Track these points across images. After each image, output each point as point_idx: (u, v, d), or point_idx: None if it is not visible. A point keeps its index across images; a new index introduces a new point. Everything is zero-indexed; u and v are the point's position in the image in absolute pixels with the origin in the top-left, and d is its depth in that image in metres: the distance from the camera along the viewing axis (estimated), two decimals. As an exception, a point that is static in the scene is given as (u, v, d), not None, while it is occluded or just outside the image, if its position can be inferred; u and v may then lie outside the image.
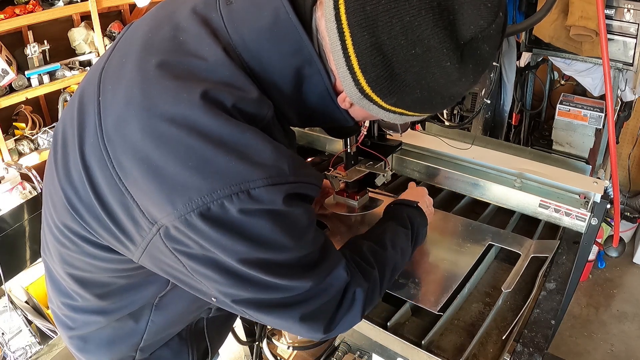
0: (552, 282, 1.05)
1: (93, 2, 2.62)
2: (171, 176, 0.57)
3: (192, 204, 0.57)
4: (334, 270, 0.72)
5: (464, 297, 1.05)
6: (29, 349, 2.13)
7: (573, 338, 2.33)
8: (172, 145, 0.57)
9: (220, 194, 0.56)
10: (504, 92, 2.37)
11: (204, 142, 0.57)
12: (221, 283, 0.65)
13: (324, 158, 1.63)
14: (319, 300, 0.71)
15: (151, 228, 0.61)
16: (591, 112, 2.19)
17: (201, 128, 0.57)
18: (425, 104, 0.66)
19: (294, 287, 0.67)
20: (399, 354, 0.97)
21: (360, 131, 0.83)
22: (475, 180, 1.24)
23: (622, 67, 1.78)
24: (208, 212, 0.57)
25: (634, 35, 1.68)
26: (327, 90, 0.68)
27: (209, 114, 0.58)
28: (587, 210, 1.09)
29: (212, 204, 0.57)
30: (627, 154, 2.65)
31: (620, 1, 1.65)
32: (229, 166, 0.57)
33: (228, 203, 0.57)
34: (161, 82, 0.60)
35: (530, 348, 0.87)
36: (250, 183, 0.57)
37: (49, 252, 0.81)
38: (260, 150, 0.60)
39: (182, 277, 0.68)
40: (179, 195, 0.57)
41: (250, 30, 0.64)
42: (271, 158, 0.60)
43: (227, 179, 0.57)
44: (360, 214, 1.26)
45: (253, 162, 0.58)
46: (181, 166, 0.57)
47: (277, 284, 0.65)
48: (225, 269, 0.63)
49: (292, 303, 0.68)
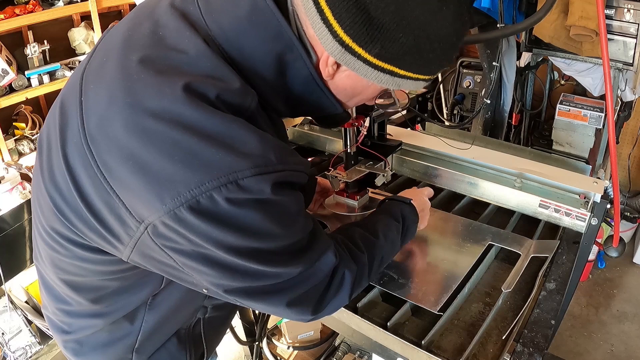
0: (552, 282, 1.05)
1: (93, 2, 2.63)
2: (158, 172, 0.57)
3: (180, 198, 0.56)
4: (323, 254, 0.73)
5: (464, 297, 1.05)
6: (29, 349, 2.13)
7: (573, 338, 2.32)
8: (157, 141, 0.57)
9: (209, 186, 0.56)
10: (504, 92, 2.37)
11: (190, 136, 0.57)
12: (212, 275, 0.65)
13: (324, 158, 1.63)
14: (308, 284, 0.71)
15: (139, 226, 0.61)
16: (591, 112, 2.19)
17: (186, 121, 0.57)
18: (413, 53, 0.63)
19: (284, 273, 0.67)
20: (399, 354, 0.97)
21: (350, 118, 0.82)
22: (475, 180, 1.24)
23: (622, 67, 1.78)
24: (197, 205, 0.57)
25: (634, 35, 1.68)
26: (312, 76, 0.68)
27: (192, 107, 0.57)
28: (587, 210, 1.09)
29: (201, 197, 0.56)
30: (627, 154, 2.64)
31: (620, 1, 1.65)
32: (216, 158, 0.57)
33: (217, 195, 0.57)
34: (143, 78, 0.60)
35: (530, 348, 0.87)
36: (238, 173, 0.57)
37: (41, 258, 0.81)
38: (247, 140, 0.59)
39: (173, 272, 0.69)
40: (167, 191, 0.57)
41: (229, 20, 0.64)
42: (258, 148, 0.60)
43: (215, 170, 0.57)
44: (360, 214, 1.26)
45: (240, 153, 0.58)
46: (167, 161, 0.57)
47: (268, 271, 0.65)
48: (216, 261, 0.63)
49: (281, 289, 0.69)
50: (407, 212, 1.00)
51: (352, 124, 1.16)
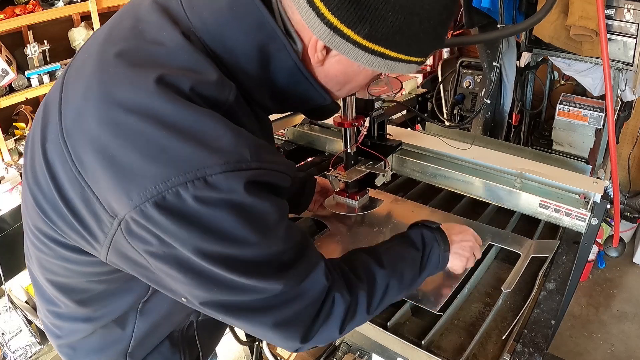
0: (552, 282, 1.05)
1: (93, 2, 2.63)
2: (127, 165, 0.55)
3: (146, 194, 0.54)
4: (311, 273, 0.67)
5: (464, 297, 1.05)
6: (29, 349, 2.13)
7: (573, 338, 2.32)
8: (128, 134, 0.55)
9: (175, 182, 0.54)
10: (504, 92, 2.37)
11: (159, 129, 0.55)
12: (186, 283, 0.62)
13: (324, 158, 1.63)
14: (294, 307, 0.66)
15: (112, 222, 0.59)
16: (591, 112, 2.19)
17: (156, 114, 0.55)
18: (403, 33, 0.61)
19: (263, 288, 0.63)
20: (399, 354, 0.97)
21: (339, 109, 0.79)
22: (475, 180, 1.24)
23: (622, 67, 1.78)
24: (163, 202, 0.54)
25: (634, 35, 1.68)
26: (297, 66, 0.65)
27: (163, 99, 0.56)
28: (587, 210, 1.09)
29: (167, 193, 0.54)
30: (627, 154, 2.65)
31: (620, 1, 1.65)
32: (185, 153, 0.55)
33: (183, 191, 0.54)
34: (118, 71, 0.59)
35: (530, 348, 0.87)
36: (206, 169, 0.54)
37: (30, 258, 0.80)
38: (219, 135, 0.57)
39: (150, 275, 0.66)
40: (135, 185, 0.55)
41: (210, 12, 0.62)
42: (230, 143, 0.57)
43: (183, 166, 0.54)
44: (360, 214, 1.26)
45: (210, 148, 0.55)
46: (137, 155, 0.55)
47: (244, 284, 0.61)
48: (187, 266, 0.60)
49: (263, 307, 0.64)
50: (429, 237, 0.89)
51: (352, 124, 1.16)
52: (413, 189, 1.50)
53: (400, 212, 1.31)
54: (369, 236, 1.19)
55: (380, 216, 1.28)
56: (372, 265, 0.79)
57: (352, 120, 1.15)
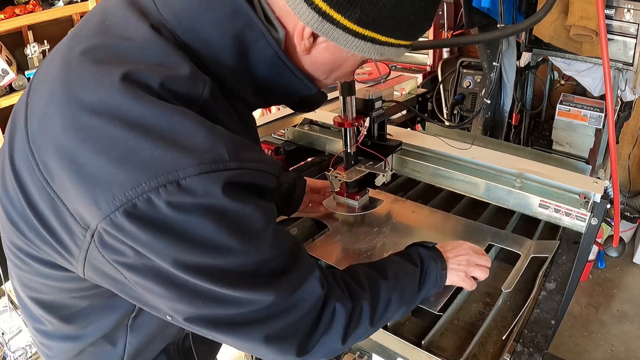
0: (552, 282, 1.05)
1: (93, 2, 2.63)
2: (94, 172, 0.51)
3: (115, 202, 0.50)
4: (305, 281, 0.63)
5: (464, 297, 1.05)
6: (29, 349, 2.13)
7: (573, 338, 2.32)
8: (93, 137, 0.51)
9: (146, 188, 0.49)
10: (504, 92, 2.37)
11: (126, 130, 0.50)
12: (167, 297, 0.57)
13: (324, 158, 1.63)
14: (288, 318, 0.62)
15: (85, 235, 0.54)
16: (591, 112, 2.19)
17: (123, 114, 0.51)
18: (394, 16, 0.58)
19: (252, 300, 0.58)
20: (399, 354, 0.97)
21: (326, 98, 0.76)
22: (475, 180, 1.24)
23: (622, 67, 1.78)
24: (134, 210, 0.50)
25: (634, 35, 1.68)
26: (277, 55, 0.61)
27: (130, 98, 0.51)
28: (587, 210, 1.09)
29: (138, 200, 0.50)
30: (627, 154, 2.65)
31: (620, 1, 1.65)
32: (155, 155, 0.50)
33: (155, 197, 0.50)
34: (82, 70, 0.55)
35: (530, 348, 0.87)
36: (179, 172, 0.50)
37: (12, 276, 0.76)
38: (192, 133, 0.52)
39: (131, 292, 0.61)
40: (103, 193, 0.50)
41: (182, 3, 0.58)
42: (205, 142, 0.52)
43: (153, 169, 0.50)
44: (360, 214, 1.26)
45: (182, 148, 0.51)
46: (104, 159, 0.50)
47: (230, 296, 0.56)
48: (166, 278, 0.55)
49: (253, 320, 0.59)
50: (426, 255, 0.89)
51: (352, 124, 1.16)
52: (413, 189, 1.50)
53: (400, 212, 1.31)
54: (369, 236, 1.19)
55: (380, 216, 1.28)
56: (375, 276, 0.77)
57: (352, 120, 1.15)
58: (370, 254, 1.12)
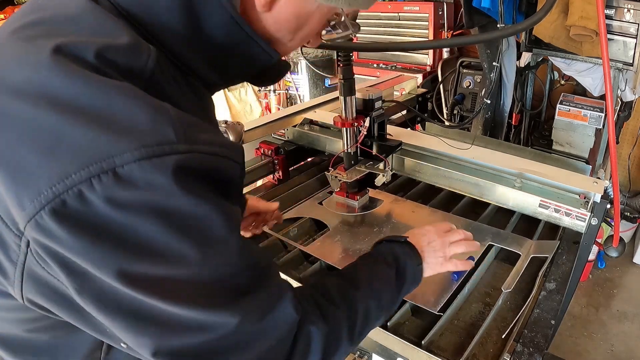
0: (552, 282, 1.05)
1: (93, 2, 2.62)
2: (18, 165, 0.41)
3: (41, 199, 0.40)
4: (277, 304, 0.54)
5: (464, 297, 1.05)
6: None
7: (573, 338, 2.32)
8: (17, 124, 0.42)
9: (75, 179, 0.40)
10: (504, 92, 2.37)
11: (55, 113, 0.42)
12: (115, 323, 0.46)
13: (324, 158, 1.63)
14: (259, 347, 0.52)
15: (19, 244, 0.44)
16: (591, 112, 2.19)
17: (52, 94, 0.42)
18: None
19: (213, 323, 0.48)
20: (399, 354, 0.97)
21: (289, 68, 0.69)
22: (475, 180, 1.24)
23: (622, 67, 1.78)
24: (63, 208, 0.40)
25: (634, 35, 1.68)
26: (233, 18, 0.54)
27: (61, 73, 0.43)
28: (587, 210, 1.09)
29: (67, 195, 0.40)
30: (627, 154, 2.65)
31: (620, 1, 1.65)
32: (87, 140, 0.41)
33: (88, 191, 0.40)
34: (9, 50, 0.48)
35: (530, 348, 0.87)
36: (115, 159, 0.41)
37: None
38: (132, 112, 0.43)
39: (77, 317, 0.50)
40: (27, 189, 0.41)
41: None
42: (147, 121, 0.43)
43: (84, 157, 0.41)
44: (360, 214, 1.26)
45: (120, 130, 0.42)
46: (28, 149, 0.41)
47: (190, 318, 0.46)
48: (113, 299, 0.45)
49: (220, 349, 0.50)
50: (399, 251, 0.82)
51: (352, 124, 1.16)
52: (413, 189, 1.50)
53: (400, 212, 1.31)
54: (369, 236, 1.19)
55: (380, 216, 1.28)
56: (346, 288, 0.69)
57: (352, 120, 1.15)
58: (370, 254, 1.12)
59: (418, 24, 2.85)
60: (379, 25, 3.03)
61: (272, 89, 3.67)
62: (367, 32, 3.10)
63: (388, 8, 2.94)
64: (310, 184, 1.52)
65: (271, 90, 3.68)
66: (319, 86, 3.46)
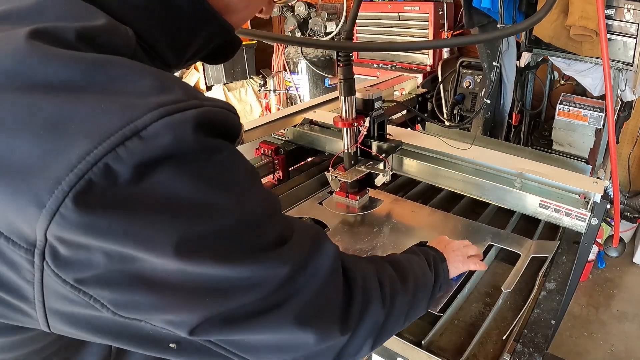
0: (552, 282, 1.05)
1: (93, 2, 2.63)
2: (22, 162, 0.36)
3: (63, 186, 0.36)
4: (315, 243, 0.53)
5: (464, 297, 1.05)
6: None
7: (573, 338, 2.32)
8: (8, 120, 0.37)
9: (98, 154, 0.36)
10: (504, 92, 2.37)
11: (52, 99, 0.38)
12: (160, 307, 0.42)
13: (324, 158, 1.63)
14: (312, 289, 0.51)
15: (32, 260, 0.38)
16: (591, 112, 2.19)
17: (42, 79, 0.39)
18: None
19: (265, 276, 0.46)
20: (399, 354, 0.97)
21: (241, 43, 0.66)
22: (475, 180, 1.24)
23: (622, 67, 1.78)
24: (91, 189, 0.36)
25: (634, 35, 1.69)
26: None
27: (45, 56, 0.40)
28: (587, 210, 1.09)
29: (92, 173, 0.36)
30: (627, 154, 2.65)
31: (620, 1, 1.65)
32: (98, 115, 0.38)
33: (115, 162, 0.37)
34: None
35: (530, 348, 0.87)
36: (136, 123, 0.38)
37: None
38: (136, 79, 0.41)
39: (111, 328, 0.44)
40: (41, 184, 0.36)
41: None
42: (154, 84, 0.42)
43: (101, 131, 0.37)
44: (360, 214, 1.26)
45: (130, 98, 0.40)
46: (31, 142, 0.37)
47: (240, 278, 0.44)
48: (154, 279, 0.41)
49: (274, 304, 0.47)
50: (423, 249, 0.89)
51: (352, 124, 1.16)
52: (413, 189, 1.50)
53: (400, 212, 1.31)
54: (369, 236, 1.19)
55: (380, 216, 1.28)
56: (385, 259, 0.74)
57: (352, 120, 1.15)
58: (370, 254, 1.11)
59: (418, 24, 2.85)
60: (379, 25, 3.03)
61: (272, 89, 3.68)
62: (367, 32, 3.10)
63: (388, 8, 2.94)
64: (310, 184, 1.52)
65: (271, 90, 3.68)
66: (319, 86, 3.46)
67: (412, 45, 1.40)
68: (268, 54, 3.81)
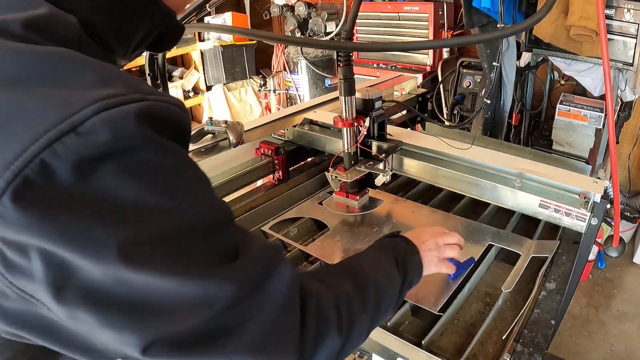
0: (552, 282, 1.05)
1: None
2: None
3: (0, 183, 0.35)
4: (272, 265, 0.48)
5: (464, 297, 1.05)
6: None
7: (573, 338, 2.32)
8: None
9: (35, 150, 0.35)
10: (504, 92, 2.37)
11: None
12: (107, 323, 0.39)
13: (324, 158, 1.63)
14: (264, 315, 0.46)
15: None
16: (591, 112, 2.19)
17: None
18: None
19: (213, 293, 0.42)
20: (399, 354, 0.97)
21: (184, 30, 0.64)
22: (475, 180, 1.24)
23: (622, 67, 1.78)
24: (28, 188, 0.35)
25: (634, 35, 1.69)
26: None
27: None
28: (587, 210, 1.09)
29: (29, 170, 0.35)
30: (627, 154, 2.65)
31: (620, 1, 1.65)
32: (39, 109, 0.37)
33: (51, 159, 0.35)
34: None
35: (530, 348, 0.87)
36: (73, 118, 0.36)
37: None
38: (78, 72, 0.40)
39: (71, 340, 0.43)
40: None
41: None
42: (96, 78, 0.40)
43: (38, 126, 0.36)
44: (360, 214, 1.26)
45: (71, 91, 0.38)
46: None
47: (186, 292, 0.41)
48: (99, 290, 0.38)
49: (224, 329, 0.44)
50: (394, 241, 0.84)
51: (352, 124, 1.16)
52: (413, 189, 1.50)
53: (400, 212, 1.31)
54: (369, 236, 1.19)
55: (380, 216, 1.28)
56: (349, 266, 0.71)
57: (352, 120, 1.15)
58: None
59: (418, 24, 2.85)
60: (379, 25, 3.03)
61: (272, 89, 3.68)
62: (367, 32, 3.10)
63: (388, 8, 2.94)
64: (310, 184, 1.52)
65: (271, 90, 3.68)
66: (319, 86, 3.46)
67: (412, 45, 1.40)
68: (268, 54, 3.81)
